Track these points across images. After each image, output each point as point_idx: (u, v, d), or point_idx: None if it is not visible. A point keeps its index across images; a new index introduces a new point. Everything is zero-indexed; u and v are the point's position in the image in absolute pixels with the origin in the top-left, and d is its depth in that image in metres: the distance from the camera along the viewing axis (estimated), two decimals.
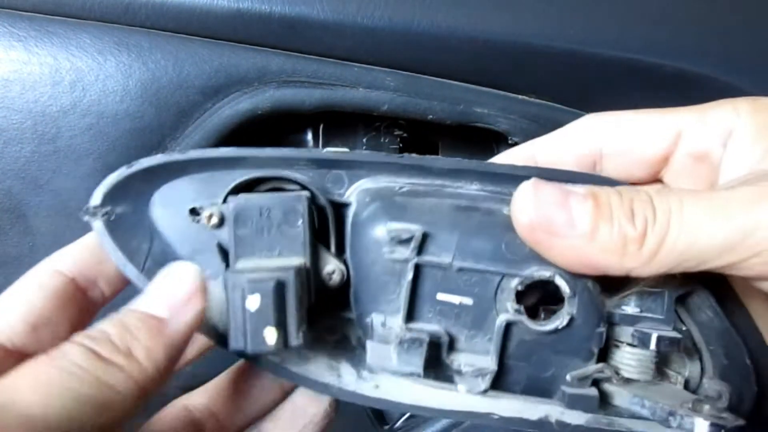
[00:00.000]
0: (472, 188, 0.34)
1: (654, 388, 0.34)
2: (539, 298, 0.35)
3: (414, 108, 0.49)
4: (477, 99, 0.50)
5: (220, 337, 0.33)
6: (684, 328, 0.34)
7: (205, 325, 0.33)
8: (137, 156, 0.44)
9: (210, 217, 0.33)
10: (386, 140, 0.55)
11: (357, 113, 0.49)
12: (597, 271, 0.30)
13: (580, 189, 0.30)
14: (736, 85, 0.48)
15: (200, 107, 0.45)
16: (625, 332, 0.33)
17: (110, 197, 0.33)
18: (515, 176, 0.33)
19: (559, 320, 0.32)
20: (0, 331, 0.31)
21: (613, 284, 0.33)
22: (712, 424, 0.29)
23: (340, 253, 0.34)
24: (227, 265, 0.33)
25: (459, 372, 0.33)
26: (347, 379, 0.35)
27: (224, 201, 0.33)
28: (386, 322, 0.33)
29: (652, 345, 0.31)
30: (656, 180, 0.39)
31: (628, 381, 0.33)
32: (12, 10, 0.41)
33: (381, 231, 0.32)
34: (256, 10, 0.43)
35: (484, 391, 0.32)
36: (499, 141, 0.60)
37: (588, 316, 0.32)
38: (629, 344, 0.33)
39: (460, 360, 0.33)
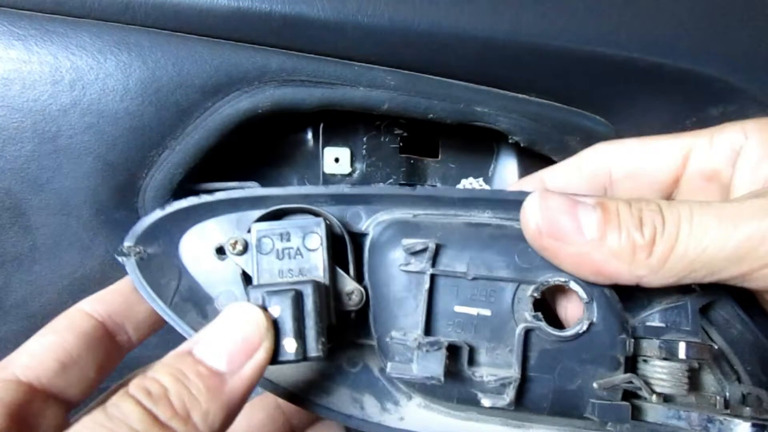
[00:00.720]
0: (484, 216, 0.35)
1: (689, 402, 0.33)
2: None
3: (414, 107, 0.49)
4: (477, 98, 0.50)
5: None
6: (716, 347, 0.34)
7: None
8: (137, 155, 0.44)
9: (234, 244, 0.35)
10: (386, 139, 0.55)
11: (357, 112, 0.49)
12: (607, 279, 0.30)
13: (588, 198, 0.30)
14: (736, 84, 0.48)
15: (200, 106, 0.44)
16: (652, 346, 0.33)
17: (143, 238, 0.36)
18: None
19: (579, 326, 0.32)
20: (30, 369, 0.31)
21: (635, 302, 0.34)
22: (754, 425, 0.29)
23: (359, 279, 0.35)
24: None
25: (481, 384, 0.32)
26: (371, 410, 0.36)
27: (248, 231, 0.35)
28: (406, 335, 0.33)
29: (681, 353, 0.31)
30: None
31: (662, 397, 0.33)
32: (12, 9, 0.41)
33: (397, 249, 0.34)
34: (256, 8, 0.43)
35: (509, 405, 0.32)
36: (500, 140, 0.60)
37: (608, 322, 0.32)
38: (658, 357, 0.33)
39: (482, 372, 0.32)
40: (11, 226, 0.44)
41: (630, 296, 0.34)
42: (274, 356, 0.30)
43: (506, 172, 0.60)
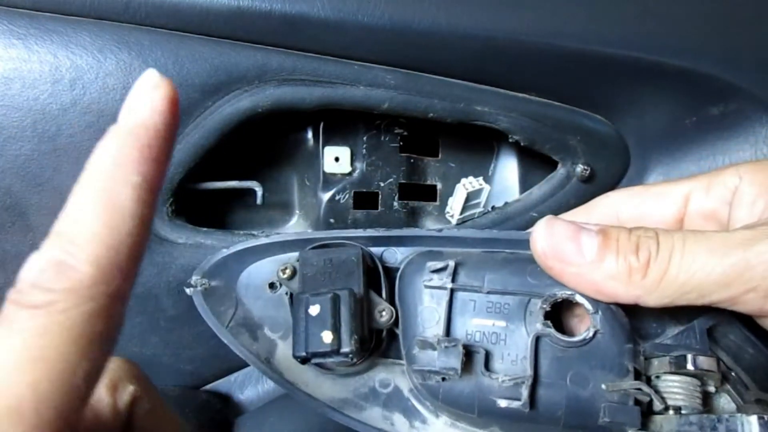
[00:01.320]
0: (506, 251, 0.40)
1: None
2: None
3: (414, 106, 0.49)
4: (477, 97, 0.50)
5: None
6: (734, 375, 0.35)
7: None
8: None
9: (285, 270, 0.41)
10: (387, 138, 0.55)
11: (357, 111, 0.49)
12: (607, 297, 0.34)
13: (592, 225, 0.34)
14: (736, 83, 0.48)
15: (200, 105, 0.44)
16: (663, 362, 0.35)
17: (209, 273, 0.43)
18: None
19: (586, 333, 0.34)
20: None
21: (648, 330, 0.37)
22: (761, 417, 0.30)
23: (390, 303, 0.40)
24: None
25: (498, 388, 0.35)
26: (400, 427, 0.40)
27: (297, 259, 0.41)
28: (427, 338, 0.36)
29: (689, 365, 0.33)
30: None
31: (675, 410, 0.34)
32: (12, 8, 0.41)
33: (422, 271, 0.38)
34: (256, 8, 0.43)
35: (524, 406, 0.34)
36: (500, 139, 0.60)
37: (613, 330, 0.34)
38: (669, 372, 0.34)
39: (498, 375, 0.35)
40: (11, 226, 0.44)
41: (643, 324, 0.37)
42: (312, 346, 0.34)
43: (506, 171, 0.61)
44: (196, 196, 0.50)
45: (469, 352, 0.35)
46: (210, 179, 0.50)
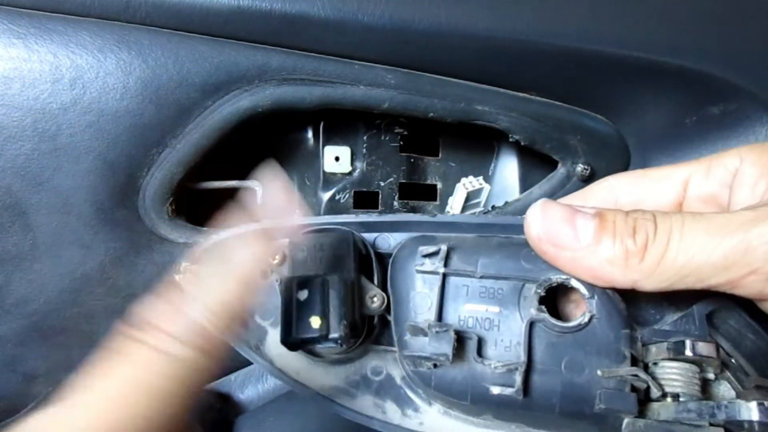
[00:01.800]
0: (501, 235, 0.38)
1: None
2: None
3: (415, 106, 0.49)
4: (478, 97, 0.50)
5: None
6: (734, 362, 0.34)
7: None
8: (137, 153, 0.44)
9: (275, 256, 0.39)
10: (387, 138, 0.55)
11: (358, 111, 0.49)
12: (604, 282, 0.33)
13: (588, 208, 0.33)
14: (736, 83, 0.48)
15: (200, 105, 0.44)
16: (661, 349, 0.34)
17: (198, 260, 0.41)
18: None
19: (581, 318, 0.34)
20: None
21: (646, 317, 0.36)
22: (760, 403, 0.30)
23: (383, 289, 0.39)
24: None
25: (491, 374, 0.34)
26: (392, 415, 0.39)
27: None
28: (418, 323, 0.36)
29: (688, 350, 0.32)
30: None
31: (674, 397, 0.33)
32: (12, 8, 0.41)
33: (414, 256, 0.37)
34: (256, 7, 0.42)
35: (517, 392, 0.33)
36: (500, 139, 0.60)
37: (610, 316, 0.34)
38: (667, 358, 0.34)
39: (491, 362, 0.34)
40: (11, 225, 0.44)
41: (640, 310, 0.36)
42: (300, 331, 0.33)
43: (506, 170, 0.61)
44: (197, 195, 0.50)
45: (461, 338, 0.34)
46: (210, 179, 0.50)
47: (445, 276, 0.36)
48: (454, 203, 0.56)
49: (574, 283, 0.34)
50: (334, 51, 0.46)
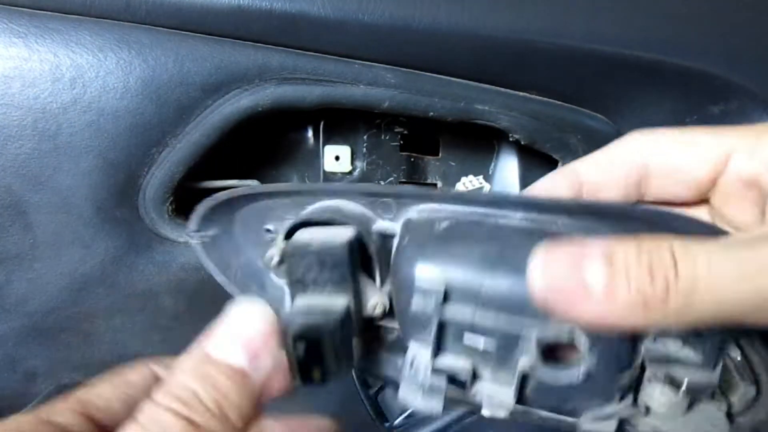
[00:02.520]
0: (517, 216, 0.34)
1: (685, 417, 0.32)
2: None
3: (415, 105, 0.49)
4: (478, 96, 0.50)
5: None
6: (739, 359, 0.32)
7: None
8: (137, 153, 0.44)
9: (272, 258, 0.37)
10: (387, 137, 0.55)
11: (358, 110, 0.49)
12: (619, 330, 0.28)
13: (596, 247, 0.28)
14: (737, 82, 0.48)
15: (201, 104, 0.44)
16: (659, 370, 0.31)
17: (202, 223, 0.40)
18: (559, 205, 0.33)
19: (576, 368, 0.30)
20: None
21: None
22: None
23: (385, 280, 0.37)
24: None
25: (480, 403, 0.33)
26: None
27: (286, 238, 0.37)
28: (416, 357, 0.34)
29: (683, 388, 0.30)
30: (703, 201, 0.36)
31: (657, 414, 0.32)
32: (12, 7, 0.41)
33: (411, 273, 0.33)
34: (256, 6, 0.42)
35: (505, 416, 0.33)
36: (500, 138, 0.60)
37: (608, 364, 0.30)
38: (661, 382, 0.31)
39: (483, 392, 0.33)
40: (11, 224, 0.44)
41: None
42: (306, 382, 0.32)
43: (507, 170, 0.61)
44: (197, 195, 0.50)
45: (454, 379, 0.33)
46: (210, 178, 0.50)
47: (441, 320, 0.33)
48: None
49: (576, 342, 0.31)
50: (334, 50, 0.46)
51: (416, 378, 0.33)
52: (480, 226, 0.34)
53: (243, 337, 0.29)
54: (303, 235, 0.36)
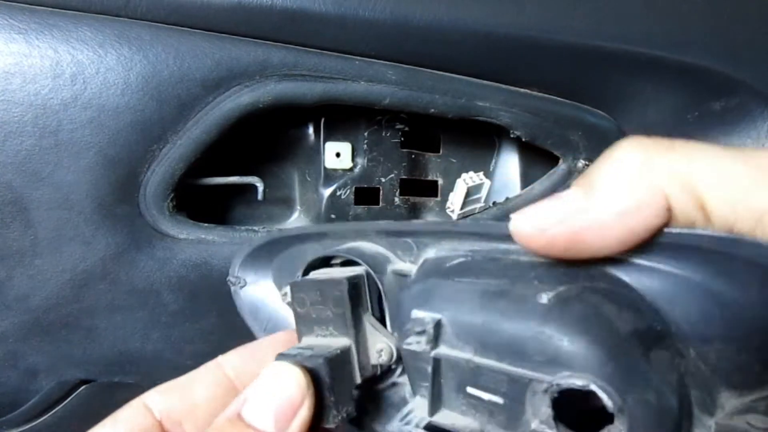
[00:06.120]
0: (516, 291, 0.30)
1: None
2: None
3: (416, 101, 0.49)
4: (479, 93, 0.50)
5: None
6: None
7: None
8: (138, 149, 0.44)
9: (285, 294, 0.39)
10: (388, 134, 0.55)
11: (359, 107, 0.49)
12: (625, 234, 0.23)
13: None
14: (737, 78, 0.48)
15: (201, 100, 0.44)
16: None
17: (242, 269, 0.42)
18: None
19: None
20: None
21: (717, 399, 0.25)
22: None
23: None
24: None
25: None
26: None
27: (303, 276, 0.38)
28: (413, 411, 0.32)
29: None
30: None
31: None
32: (12, 3, 0.41)
33: (407, 310, 0.31)
34: (257, 2, 0.42)
35: None
36: (501, 135, 0.60)
37: None
38: None
39: None
40: (12, 221, 0.44)
41: (738, 369, 0.25)
42: None
43: (507, 166, 0.61)
44: (198, 191, 0.50)
45: None
46: (211, 175, 0.50)
47: (436, 359, 0.30)
48: (455, 198, 0.56)
49: (595, 389, 0.23)
50: (335, 47, 0.46)
51: None
52: (496, 262, 0.30)
53: (274, 404, 0.30)
54: (316, 273, 0.37)
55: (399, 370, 0.36)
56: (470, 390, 0.28)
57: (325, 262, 0.39)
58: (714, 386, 0.24)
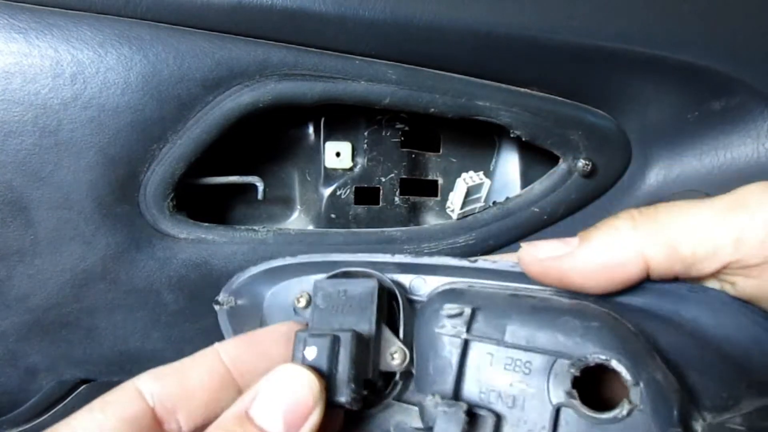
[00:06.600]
0: (546, 292, 0.34)
1: None
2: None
3: (416, 101, 0.49)
4: (479, 92, 0.50)
5: None
6: None
7: None
8: (138, 149, 0.44)
9: (300, 299, 0.40)
10: (388, 133, 0.55)
11: (359, 106, 0.49)
12: (615, 276, 0.30)
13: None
14: (738, 77, 0.48)
15: (201, 100, 0.44)
16: None
17: (236, 292, 0.42)
18: None
19: (619, 409, 0.28)
20: None
21: (717, 401, 0.29)
22: None
23: (408, 344, 0.36)
24: None
25: None
26: None
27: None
28: (434, 398, 0.32)
29: None
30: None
31: None
32: (13, 2, 0.41)
33: (439, 313, 0.34)
34: (257, 2, 0.42)
35: None
36: (501, 134, 0.60)
37: (656, 408, 0.27)
38: None
39: None
40: (12, 220, 0.44)
41: (709, 391, 0.29)
42: None
43: (508, 166, 0.60)
44: (198, 191, 0.50)
45: (476, 415, 0.30)
46: (211, 174, 0.50)
47: (467, 342, 0.32)
48: (455, 198, 0.56)
49: (615, 364, 0.28)
50: (335, 46, 0.46)
51: (431, 413, 0.31)
52: (518, 298, 0.34)
53: (285, 406, 0.29)
54: (334, 280, 0.37)
55: (395, 391, 0.36)
56: (491, 378, 0.31)
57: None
58: (692, 408, 0.28)
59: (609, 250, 0.30)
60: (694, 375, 0.28)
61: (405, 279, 0.39)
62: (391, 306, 0.37)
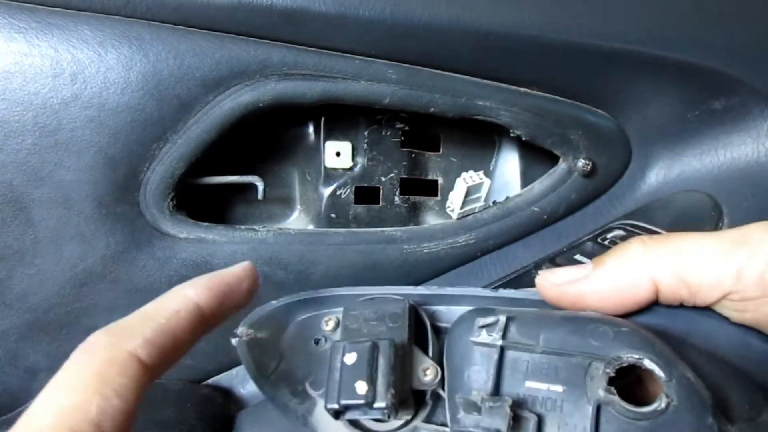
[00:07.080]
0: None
1: None
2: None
3: (416, 101, 0.49)
4: (479, 92, 0.50)
5: None
6: None
7: None
8: (138, 148, 0.44)
9: (328, 321, 0.39)
10: (388, 133, 0.55)
11: (359, 106, 0.49)
12: (627, 297, 0.32)
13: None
14: (738, 77, 0.48)
15: (201, 100, 0.44)
16: None
17: (256, 325, 0.41)
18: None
19: (657, 403, 0.29)
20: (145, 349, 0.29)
21: (735, 409, 0.30)
22: None
23: (438, 363, 0.36)
24: None
25: None
26: None
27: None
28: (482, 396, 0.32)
29: None
30: None
31: None
32: (12, 2, 0.41)
33: (472, 327, 0.34)
34: (257, 2, 0.42)
35: None
36: (501, 134, 0.60)
37: (690, 402, 0.29)
38: None
39: None
40: (12, 220, 0.44)
41: (731, 402, 0.31)
42: (344, 396, 0.31)
43: (508, 165, 0.60)
44: (197, 190, 0.50)
45: (518, 416, 0.30)
46: (211, 174, 0.50)
47: (503, 349, 0.33)
48: (454, 198, 0.56)
49: (648, 363, 0.29)
50: (335, 46, 0.46)
51: (472, 406, 0.31)
52: (547, 311, 0.35)
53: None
54: (363, 302, 0.38)
55: (424, 413, 0.36)
56: (529, 384, 0.32)
57: None
58: (722, 414, 0.29)
59: (622, 273, 0.32)
60: (715, 387, 0.29)
61: (428, 308, 0.39)
62: (418, 329, 0.37)
